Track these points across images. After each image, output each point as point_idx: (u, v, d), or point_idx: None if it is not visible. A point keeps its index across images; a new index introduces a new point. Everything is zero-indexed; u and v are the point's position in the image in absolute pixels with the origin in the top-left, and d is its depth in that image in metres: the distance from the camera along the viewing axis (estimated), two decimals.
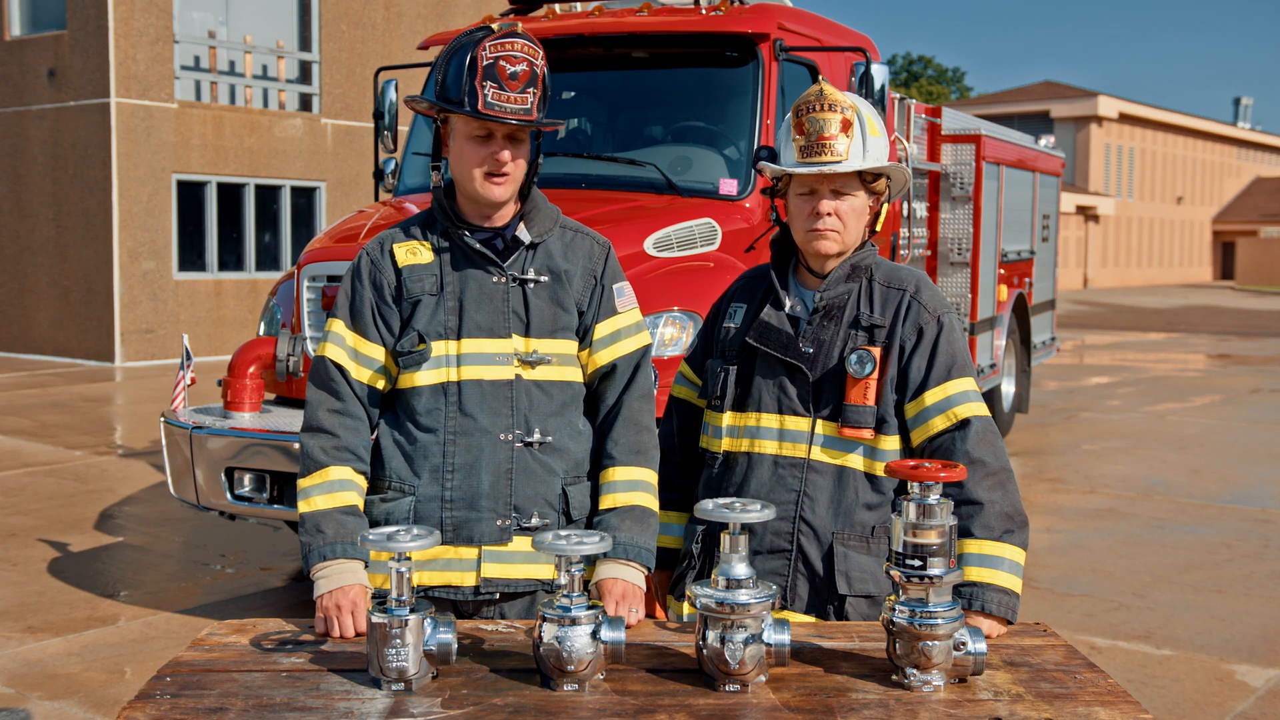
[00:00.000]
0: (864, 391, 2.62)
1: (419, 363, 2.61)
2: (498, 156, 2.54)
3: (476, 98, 2.48)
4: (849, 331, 2.66)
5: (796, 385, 2.68)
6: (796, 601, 2.67)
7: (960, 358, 2.66)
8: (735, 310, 2.82)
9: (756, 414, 2.72)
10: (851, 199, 2.65)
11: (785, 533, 2.66)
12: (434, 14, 20.27)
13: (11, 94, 18.00)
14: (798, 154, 2.63)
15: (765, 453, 2.70)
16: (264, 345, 5.76)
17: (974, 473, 2.57)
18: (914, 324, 2.65)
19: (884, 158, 2.66)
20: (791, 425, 2.68)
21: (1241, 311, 33.36)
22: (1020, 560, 2.57)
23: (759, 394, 2.71)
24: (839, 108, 2.60)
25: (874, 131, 2.64)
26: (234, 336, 17.34)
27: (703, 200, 6.01)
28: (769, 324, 2.70)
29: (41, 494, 8.38)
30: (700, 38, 6.42)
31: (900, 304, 2.67)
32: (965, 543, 2.56)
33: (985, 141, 9.69)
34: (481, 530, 2.61)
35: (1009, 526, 2.56)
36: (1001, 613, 2.50)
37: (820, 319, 2.68)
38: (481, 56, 2.48)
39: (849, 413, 2.63)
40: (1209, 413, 13.05)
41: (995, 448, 2.61)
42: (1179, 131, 54.61)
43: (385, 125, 6.83)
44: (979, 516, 2.56)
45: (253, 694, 2.09)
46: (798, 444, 2.68)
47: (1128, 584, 6.44)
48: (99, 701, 4.71)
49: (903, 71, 71.51)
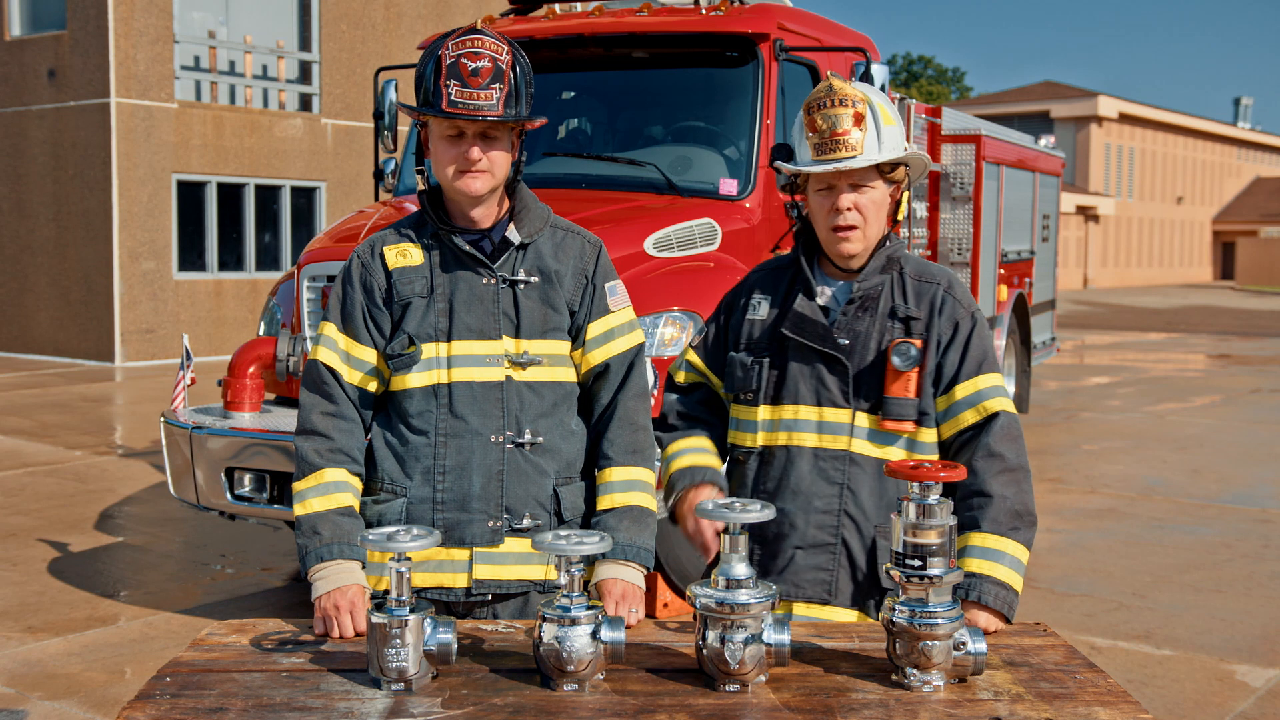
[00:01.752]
0: (906, 384, 2.61)
1: (410, 365, 2.61)
2: (468, 155, 2.53)
3: (441, 97, 2.49)
4: (886, 323, 2.65)
5: (835, 377, 2.65)
6: (839, 596, 2.64)
7: (990, 354, 2.67)
8: (759, 302, 2.77)
9: (794, 406, 2.68)
10: (871, 191, 2.62)
11: (830, 526, 2.64)
12: (434, 14, 20.27)
13: (11, 94, 18.00)
14: (812, 152, 2.61)
15: (804, 445, 2.66)
16: (264, 345, 5.76)
17: (991, 465, 2.57)
18: (950, 318, 2.65)
19: (900, 147, 2.64)
20: (831, 417, 2.65)
21: (1241, 311, 33.36)
22: (1023, 558, 2.55)
23: (795, 386, 2.68)
24: (850, 102, 2.58)
25: (888, 121, 2.62)
26: (234, 336, 17.34)
27: (703, 200, 6.01)
28: (804, 315, 2.67)
29: (41, 494, 8.38)
30: (700, 38, 6.42)
31: (935, 298, 2.66)
32: (970, 535, 2.55)
33: (985, 141, 9.70)
34: (473, 532, 2.61)
35: (1016, 524, 2.55)
36: (998, 606, 2.48)
37: (855, 310, 2.66)
38: (445, 56, 2.49)
39: (891, 405, 2.62)
40: (1209, 413, 13.05)
41: (1017, 444, 2.61)
42: (1179, 131, 54.61)
43: (385, 125, 6.82)
44: (988, 509, 2.55)
45: (253, 694, 2.09)
46: (838, 436, 2.65)
47: (1128, 584, 6.44)
48: (99, 701, 4.71)
49: (903, 71, 71.53)
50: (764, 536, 2.67)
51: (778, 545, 2.67)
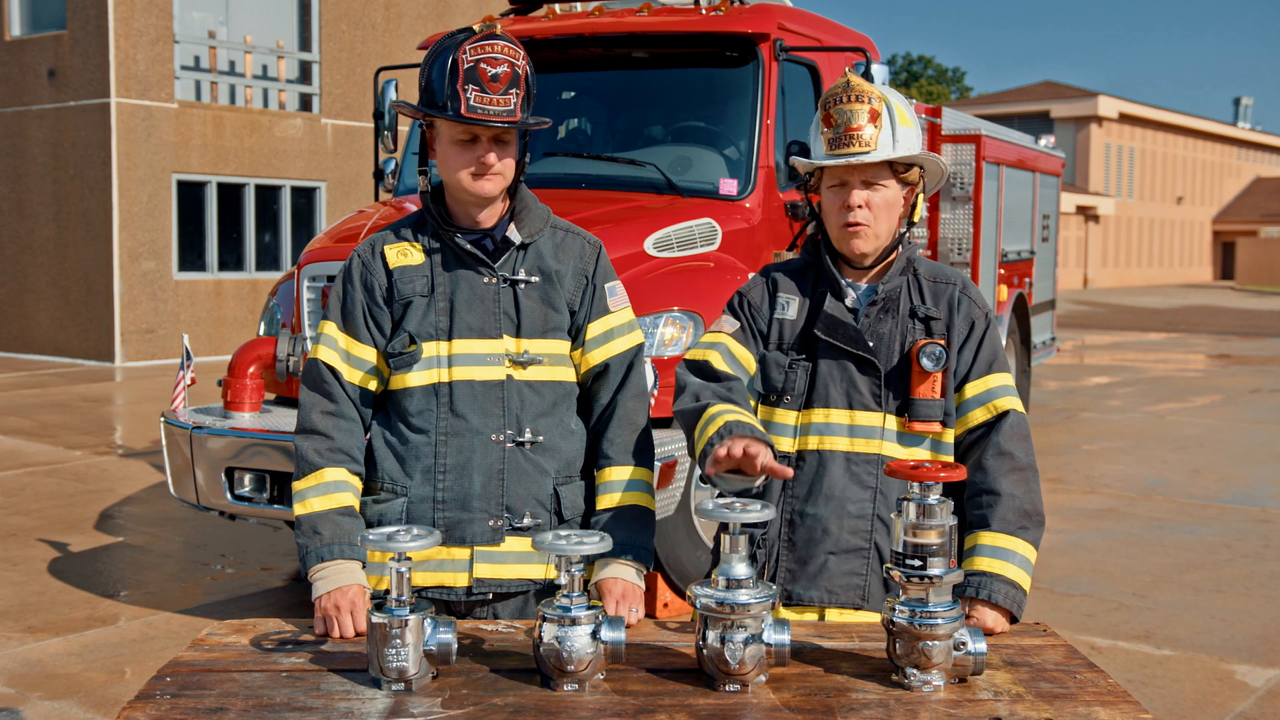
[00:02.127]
0: (933, 385, 2.61)
1: (410, 364, 2.61)
2: (483, 160, 2.53)
3: (459, 102, 2.47)
4: (907, 323, 2.65)
5: (867, 379, 2.63)
6: (871, 600, 2.62)
7: (1000, 353, 2.67)
8: (788, 302, 2.71)
9: (824, 410, 2.65)
10: (883, 190, 2.61)
11: (863, 531, 2.62)
12: (434, 14, 20.27)
13: (11, 94, 18.00)
14: (826, 146, 2.60)
15: (837, 449, 2.64)
16: (264, 345, 5.76)
17: (1001, 464, 2.57)
18: (966, 318, 2.65)
19: (916, 147, 2.63)
20: (863, 421, 2.63)
21: (1241, 311, 33.36)
22: (1031, 558, 2.55)
23: (825, 389, 2.65)
24: (866, 98, 2.57)
25: (905, 121, 2.61)
26: (234, 336, 17.34)
27: (703, 200, 6.01)
28: (835, 317, 2.64)
29: (41, 494, 8.38)
30: (700, 38, 6.42)
31: (951, 298, 2.67)
32: (979, 534, 2.55)
33: (985, 141, 9.69)
34: (474, 531, 2.61)
35: (1025, 523, 2.55)
36: (1007, 604, 2.48)
37: (878, 311, 2.65)
38: (462, 60, 2.47)
39: (919, 407, 2.61)
40: (1209, 413, 13.05)
41: (1026, 444, 2.62)
42: (1179, 131, 54.61)
43: (385, 125, 6.83)
44: (997, 508, 2.55)
45: (253, 694, 2.09)
46: (870, 439, 2.63)
47: (1128, 584, 6.44)
48: (99, 701, 4.71)
49: (903, 71, 71.52)
50: (793, 541, 2.66)
51: (809, 550, 2.64)
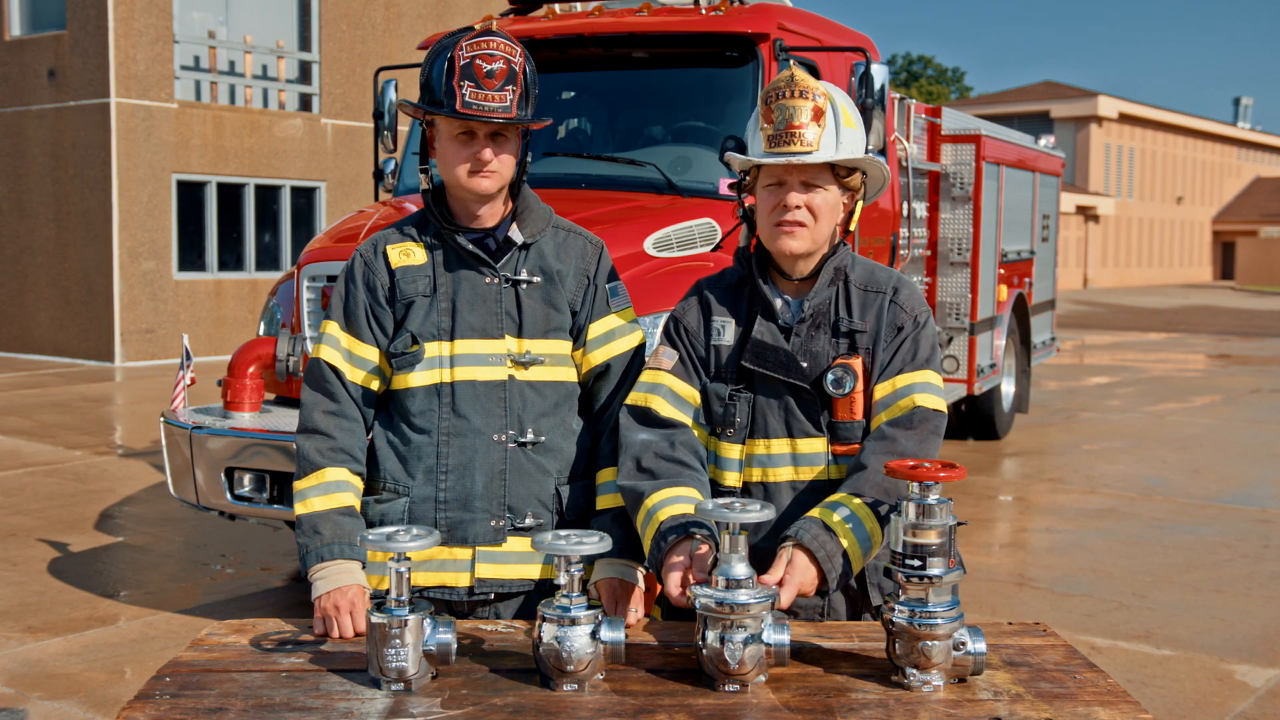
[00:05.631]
0: (850, 407, 2.52)
1: (412, 364, 2.61)
2: (480, 155, 2.54)
3: (455, 97, 2.49)
4: (832, 340, 2.54)
5: (803, 406, 2.53)
6: (833, 615, 2.60)
7: (924, 353, 2.55)
8: (723, 326, 2.59)
9: (765, 440, 2.56)
10: (823, 192, 2.49)
11: None
12: (434, 14, 20.27)
13: (11, 94, 18.00)
14: (765, 143, 2.46)
15: (781, 480, 2.56)
16: (264, 345, 5.76)
17: (879, 445, 2.45)
18: (892, 325, 2.55)
19: (859, 150, 2.51)
20: (805, 449, 2.55)
21: (1241, 311, 33.36)
22: (871, 529, 2.39)
23: (764, 420, 2.55)
24: (810, 94, 2.44)
25: (849, 123, 2.50)
26: (234, 336, 17.33)
27: (703, 200, 6.00)
28: (764, 343, 2.53)
29: (41, 494, 8.38)
30: (700, 38, 6.42)
31: (880, 307, 2.56)
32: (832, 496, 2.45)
33: (985, 141, 9.69)
34: (476, 531, 2.61)
35: (879, 498, 2.41)
36: (812, 547, 2.31)
37: (809, 329, 2.54)
38: (459, 56, 2.49)
39: (839, 429, 2.53)
40: (1209, 413, 13.05)
41: (919, 435, 2.46)
42: (1179, 131, 54.61)
43: (385, 125, 6.82)
44: (857, 477, 2.44)
45: (252, 694, 2.09)
46: (814, 466, 2.55)
47: (1128, 584, 6.44)
48: (99, 701, 4.71)
49: (903, 71, 71.51)
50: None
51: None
